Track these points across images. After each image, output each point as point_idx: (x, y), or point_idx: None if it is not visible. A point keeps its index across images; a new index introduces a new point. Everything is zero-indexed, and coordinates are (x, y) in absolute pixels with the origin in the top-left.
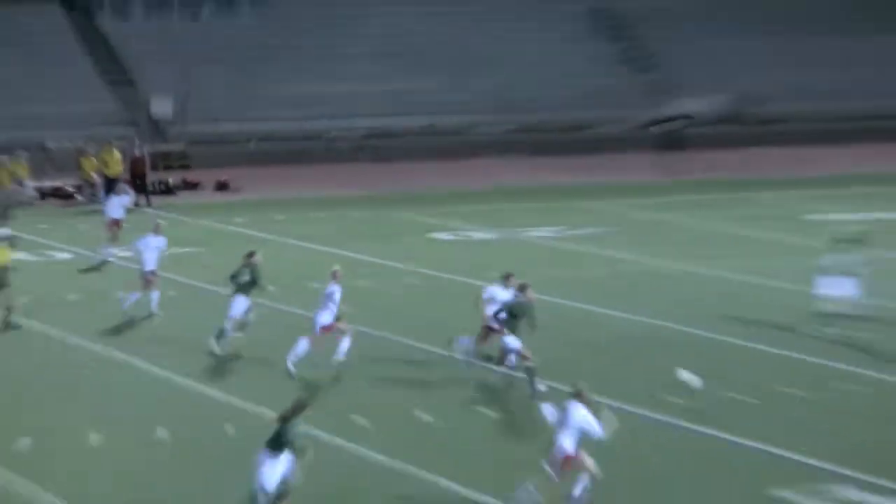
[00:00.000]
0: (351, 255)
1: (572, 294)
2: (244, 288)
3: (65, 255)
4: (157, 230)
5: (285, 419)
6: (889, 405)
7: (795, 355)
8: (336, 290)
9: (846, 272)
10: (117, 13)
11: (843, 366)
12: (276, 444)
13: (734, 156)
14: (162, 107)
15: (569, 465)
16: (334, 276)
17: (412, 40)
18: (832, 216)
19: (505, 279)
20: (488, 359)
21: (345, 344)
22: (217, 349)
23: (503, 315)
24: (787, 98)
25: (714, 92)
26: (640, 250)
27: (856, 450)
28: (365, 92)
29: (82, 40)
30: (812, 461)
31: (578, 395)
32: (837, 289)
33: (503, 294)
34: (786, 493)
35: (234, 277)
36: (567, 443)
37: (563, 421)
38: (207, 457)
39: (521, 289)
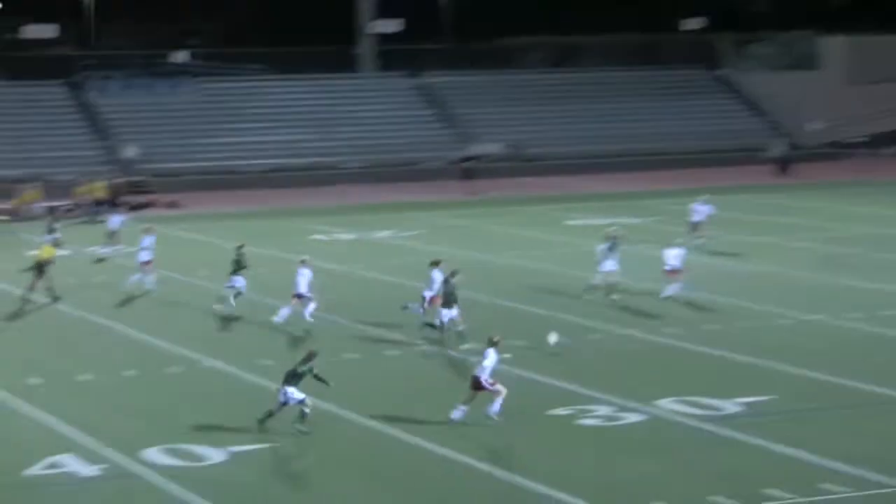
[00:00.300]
0: (257, 250)
1: (410, 275)
2: (237, 269)
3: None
4: (148, 231)
5: (302, 362)
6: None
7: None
8: (306, 273)
9: (612, 256)
10: (101, 91)
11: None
12: (292, 378)
13: (510, 182)
14: (131, 151)
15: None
16: (304, 262)
17: (297, 105)
18: (586, 221)
19: (434, 264)
20: (431, 326)
21: (310, 307)
22: (224, 309)
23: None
24: (546, 143)
25: (496, 140)
26: (452, 245)
27: None
28: (266, 140)
29: (77, 108)
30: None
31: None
32: (608, 267)
33: (439, 276)
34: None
35: (235, 262)
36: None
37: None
38: (152, 388)
39: (452, 274)
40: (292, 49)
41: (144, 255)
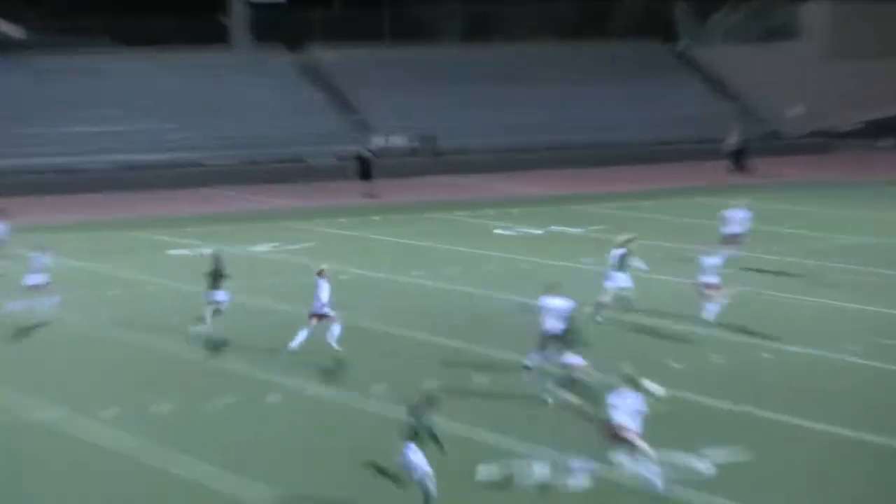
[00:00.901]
0: (100, 267)
1: (285, 298)
2: (215, 281)
3: None
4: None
5: (414, 412)
6: None
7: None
8: (323, 286)
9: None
10: None
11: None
12: (412, 433)
13: (419, 183)
14: None
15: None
16: (321, 273)
17: (152, 89)
18: (515, 231)
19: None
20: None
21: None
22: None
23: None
24: (463, 135)
25: (401, 130)
26: (346, 261)
27: None
28: (114, 132)
29: None
30: None
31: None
32: (620, 281)
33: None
34: None
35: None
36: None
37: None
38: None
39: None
40: (146, 20)
41: (35, 279)
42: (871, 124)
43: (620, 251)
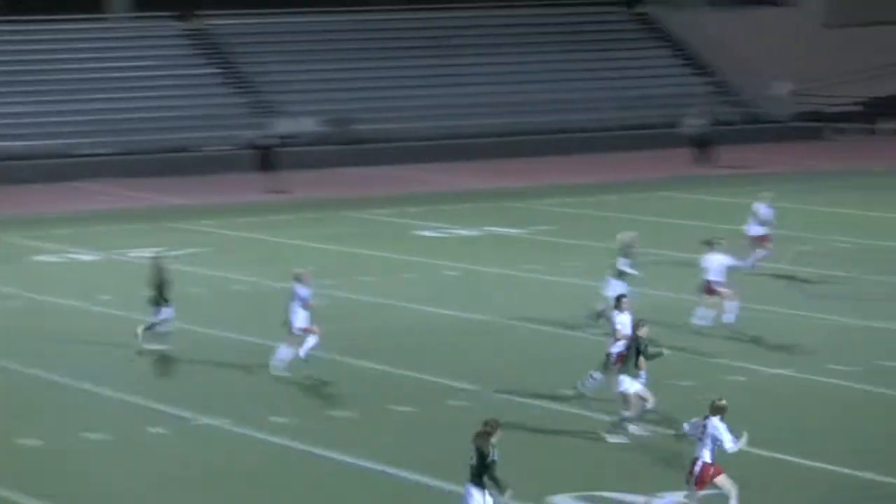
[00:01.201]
0: None
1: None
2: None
3: None
4: None
5: (483, 441)
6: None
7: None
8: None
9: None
10: None
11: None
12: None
13: (331, 175)
14: None
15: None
16: (301, 278)
17: (9, 63)
18: (443, 233)
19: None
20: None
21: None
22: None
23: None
24: (384, 118)
25: (309, 113)
26: (243, 268)
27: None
28: None
29: None
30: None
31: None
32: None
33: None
34: None
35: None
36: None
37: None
38: None
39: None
40: None
41: None
42: (872, 104)
43: (626, 258)
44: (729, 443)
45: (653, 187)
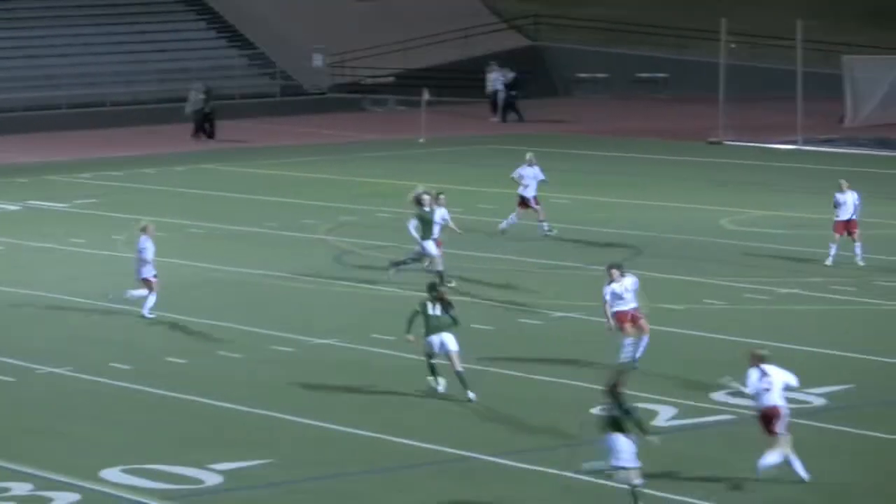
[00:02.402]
0: None
1: None
2: None
3: None
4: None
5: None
6: None
7: None
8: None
9: None
10: None
11: None
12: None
13: None
14: None
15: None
16: (145, 230)
17: None
18: None
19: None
20: None
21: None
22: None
23: None
24: None
25: None
26: None
27: None
28: None
29: None
30: None
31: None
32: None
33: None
34: None
35: None
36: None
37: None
38: None
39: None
40: None
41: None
42: (407, 76)
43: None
44: (792, 380)
45: (192, 160)
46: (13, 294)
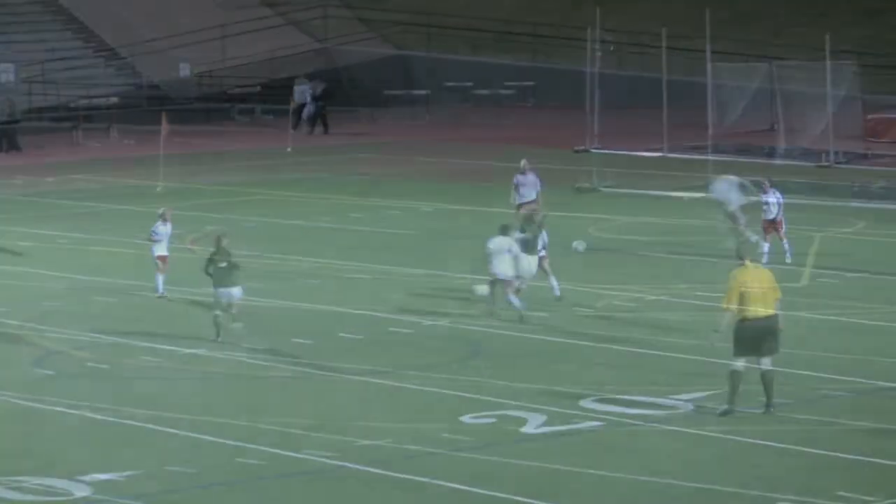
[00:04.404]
0: None
1: None
2: None
3: None
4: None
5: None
6: None
7: None
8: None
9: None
10: None
11: None
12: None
13: None
14: None
15: None
16: (164, 216)
17: None
18: None
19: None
20: None
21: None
22: None
23: None
24: None
25: None
26: None
27: None
28: None
29: None
30: None
31: None
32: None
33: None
34: None
35: None
36: None
37: None
38: None
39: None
40: None
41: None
42: (270, 87)
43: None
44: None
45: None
46: None
